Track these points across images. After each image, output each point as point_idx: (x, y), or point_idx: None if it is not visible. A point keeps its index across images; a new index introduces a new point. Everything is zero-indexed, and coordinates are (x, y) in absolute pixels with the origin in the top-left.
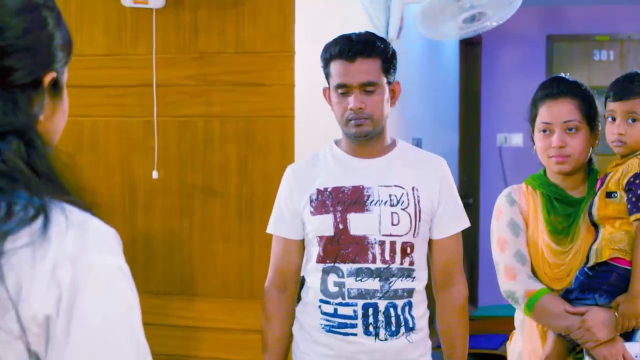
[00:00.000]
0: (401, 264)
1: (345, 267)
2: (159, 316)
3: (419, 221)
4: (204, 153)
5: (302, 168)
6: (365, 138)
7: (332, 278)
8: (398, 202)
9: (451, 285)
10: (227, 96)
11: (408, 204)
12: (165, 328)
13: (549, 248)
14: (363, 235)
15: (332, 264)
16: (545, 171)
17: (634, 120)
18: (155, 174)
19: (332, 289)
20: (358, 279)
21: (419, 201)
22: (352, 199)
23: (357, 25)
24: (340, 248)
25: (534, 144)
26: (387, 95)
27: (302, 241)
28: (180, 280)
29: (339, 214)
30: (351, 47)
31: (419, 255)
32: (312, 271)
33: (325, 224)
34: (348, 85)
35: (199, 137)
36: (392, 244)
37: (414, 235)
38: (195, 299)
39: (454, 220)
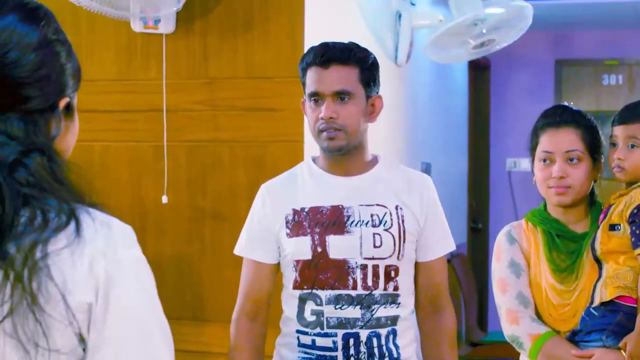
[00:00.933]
0: (385, 289)
1: (323, 294)
2: None
3: (404, 242)
4: (213, 178)
5: (278, 186)
6: (339, 153)
7: (309, 306)
8: (381, 222)
9: (440, 310)
10: (236, 121)
11: (391, 224)
12: (175, 353)
13: (552, 288)
14: (343, 259)
15: (310, 291)
16: (545, 205)
17: (633, 146)
18: (164, 199)
19: (310, 317)
20: (337, 306)
21: (403, 221)
22: (331, 220)
23: None
24: (319, 273)
25: (534, 174)
26: (364, 107)
27: (276, 265)
28: (191, 305)
29: (317, 236)
30: (325, 53)
31: (405, 279)
32: (288, 298)
33: (302, 247)
34: (320, 93)
35: (209, 162)
36: (375, 267)
37: (398, 257)
38: (205, 323)
39: (440, 241)
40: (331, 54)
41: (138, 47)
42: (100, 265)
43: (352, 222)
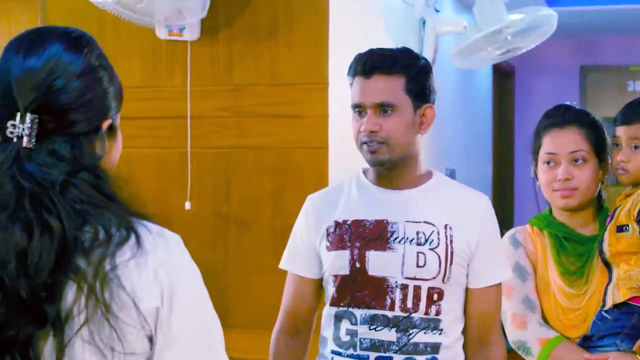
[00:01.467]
0: (426, 313)
1: (359, 313)
2: None
3: (451, 264)
4: (237, 184)
5: (322, 198)
6: (383, 167)
7: (345, 325)
8: (426, 240)
9: (488, 343)
10: (261, 128)
11: (438, 243)
12: None
13: (561, 291)
14: (382, 277)
15: (346, 308)
16: (550, 210)
17: (636, 147)
18: (188, 205)
19: (344, 337)
20: (372, 327)
21: (451, 241)
22: (374, 235)
23: None
24: (356, 290)
25: (537, 178)
26: (411, 119)
27: (319, 281)
28: (216, 311)
29: (356, 251)
30: (367, 61)
31: (450, 305)
32: (326, 316)
33: (340, 261)
34: (362, 105)
35: (233, 169)
36: (416, 288)
37: (443, 280)
38: (230, 330)
39: (493, 268)
40: (373, 63)
41: (163, 54)
42: (163, 273)
43: (395, 239)
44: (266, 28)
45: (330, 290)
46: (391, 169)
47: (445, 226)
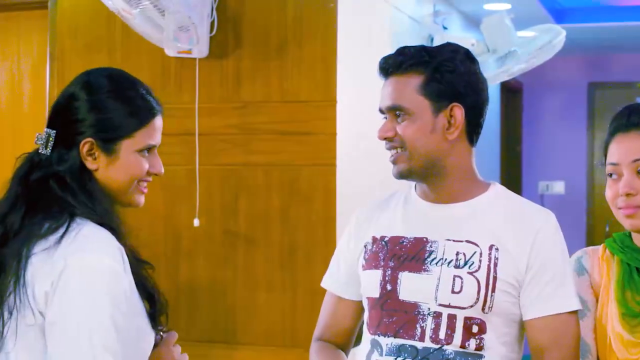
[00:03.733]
0: (462, 346)
1: (384, 342)
2: None
3: (493, 292)
4: (246, 201)
5: (368, 210)
6: (409, 178)
7: (374, 355)
8: (466, 263)
9: None
10: (269, 145)
11: (479, 267)
12: None
13: (619, 338)
14: (414, 303)
15: (374, 336)
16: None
17: None
18: (196, 222)
19: None
20: (399, 359)
21: (495, 264)
22: (410, 254)
23: None
24: (384, 315)
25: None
26: (430, 123)
27: (360, 303)
28: (224, 328)
29: (389, 271)
30: (384, 62)
31: (495, 339)
32: (363, 343)
33: (372, 282)
34: (381, 109)
35: (242, 186)
36: (451, 318)
37: (483, 309)
38: (238, 347)
39: (551, 297)
40: (388, 62)
41: (172, 71)
42: (61, 265)
43: (433, 260)
44: (275, 45)
45: (365, 314)
46: (427, 180)
47: (491, 247)
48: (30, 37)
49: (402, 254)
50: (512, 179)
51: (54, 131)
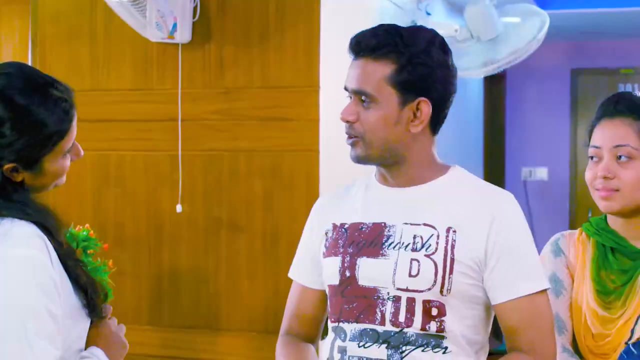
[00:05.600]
0: (423, 329)
1: (348, 328)
2: (185, 350)
3: (450, 274)
4: (229, 187)
5: (329, 198)
6: (366, 164)
7: (337, 342)
8: (423, 246)
9: None
10: (252, 131)
11: (436, 249)
12: None
13: (593, 314)
14: (373, 287)
15: (337, 323)
16: (606, 215)
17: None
18: (179, 208)
19: (336, 356)
20: (361, 344)
21: (453, 246)
22: (369, 240)
23: None
24: (345, 302)
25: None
26: (394, 114)
27: (325, 292)
28: (206, 314)
29: (347, 258)
30: (356, 39)
31: (457, 321)
32: (329, 332)
33: (332, 269)
34: (347, 88)
35: (225, 172)
36: (410, 301)
37: (442, 291)
38: (220, 333)
39: (517, 279)
40: (360, 42)
41: (154, 56)
42: None
43: (390, 244)
44: (258, 31)
45: (328, 302)
46: (385, 166)
47: (448, 229)
48: (11, 22)
49: (361, 240)
50: (495, 165)
51: None
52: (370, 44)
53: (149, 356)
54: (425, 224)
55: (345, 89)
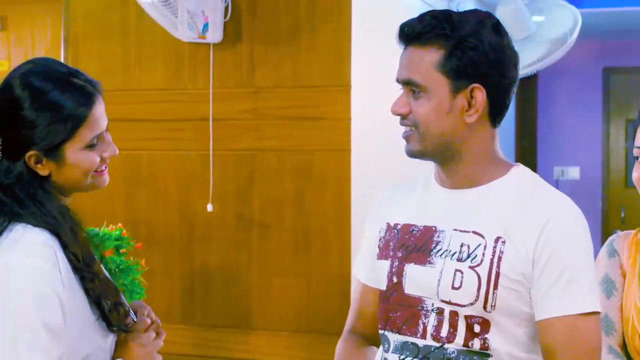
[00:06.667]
0: (466, 345)
1: (392, 338)
2: (217, 349)
3: (495, 289)
4: (260, 187)
5: (388, 192)
6: (421, 159)
7: (382, 352)
8: (468, 256)
9: None
10: (283, 130)
11: (481, 260)
12: None
13: None
14: (418, 297)
15: (383, 331)
16: None
17: None
18: (210, 207)
19: None
20: (401, 357)
21: (499, 259)
22: (418, 244)
23: None
24: (390, 309)
25: None
26: (446, 103)
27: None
28: (237, 313)
29: (396, 263)
30: (404, 27)
31: (505, 339)
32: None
33: (382, 274)
34: (398, 80)
35: (255, 171)
36: (453, 315)
37: (485, 307)
38: (252, 332)
39: (564, 295)
40: (406, 30)
41: (186, 56)
42: None
43: (438, 251)
44: (288, 30)
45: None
46: (441, 162)
47: (497, 239)
48: (44, 21)
49: (411, 244)
50: (527, 164)
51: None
52: (415, 29)
53: (180, 355)
54: (474, 232)
55: (397, 81)
